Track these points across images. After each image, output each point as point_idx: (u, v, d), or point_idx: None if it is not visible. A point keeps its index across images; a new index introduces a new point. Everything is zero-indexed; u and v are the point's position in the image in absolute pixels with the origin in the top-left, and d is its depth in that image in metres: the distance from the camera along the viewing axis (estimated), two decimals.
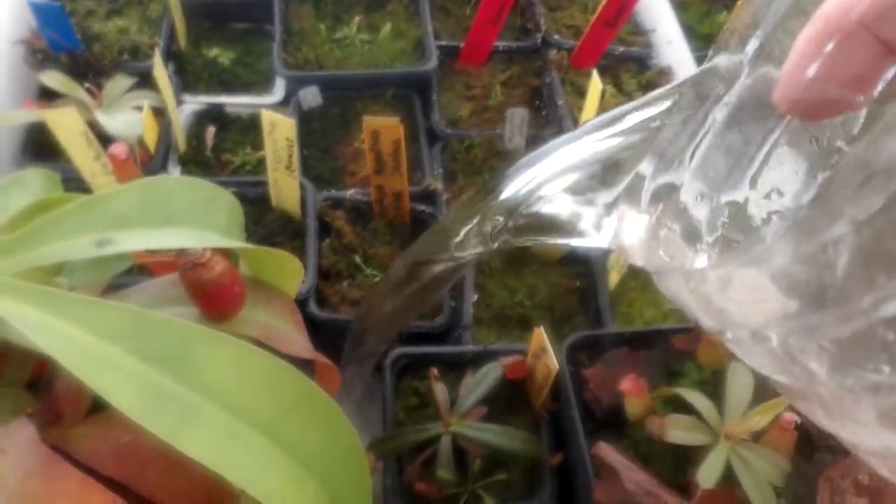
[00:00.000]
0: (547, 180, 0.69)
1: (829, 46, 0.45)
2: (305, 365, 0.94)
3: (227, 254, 0.85)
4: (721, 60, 0.60)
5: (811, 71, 0.46)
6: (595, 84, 1.38)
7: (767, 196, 0.58)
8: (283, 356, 0.70)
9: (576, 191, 0.68)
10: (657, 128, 0.63)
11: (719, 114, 0.61)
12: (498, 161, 1.50)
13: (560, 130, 1.53)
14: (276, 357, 0.69)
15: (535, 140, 1.53)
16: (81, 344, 0.64)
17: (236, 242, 0.84)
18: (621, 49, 1.67)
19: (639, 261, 0.62)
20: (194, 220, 0.84)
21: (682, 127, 0.62)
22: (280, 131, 1.25)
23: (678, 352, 1.14)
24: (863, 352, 0.44)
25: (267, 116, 1.24)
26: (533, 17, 1.69)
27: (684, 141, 0.61)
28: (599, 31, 1.59)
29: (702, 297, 0.52)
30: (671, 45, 1.70)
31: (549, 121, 1.58)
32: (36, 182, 0.84)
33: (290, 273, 0.95)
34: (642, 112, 0.65)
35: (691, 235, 0.60)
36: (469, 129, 1.53)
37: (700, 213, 0.60)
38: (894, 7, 0.44)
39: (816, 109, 0.49)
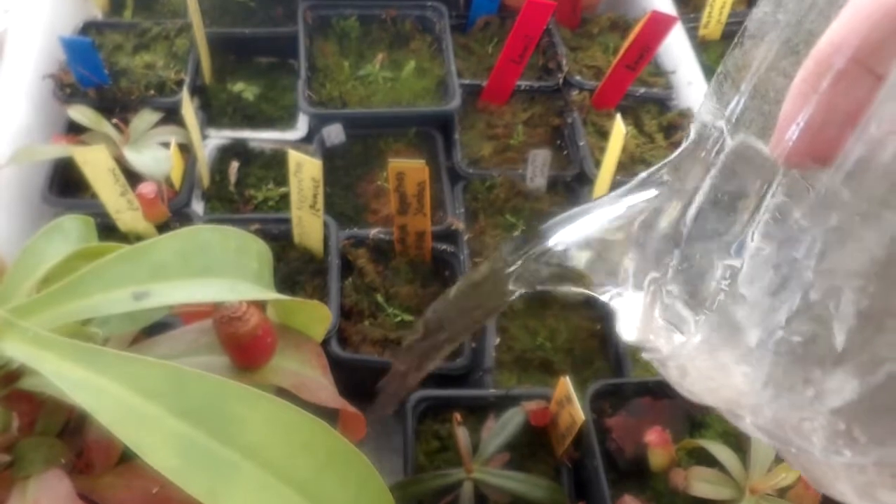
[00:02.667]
0: (566, 242, 0.70)
1: (824, 85, 0.45)
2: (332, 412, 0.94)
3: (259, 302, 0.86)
4: (705, 118, 0.60)
5: (809, 111, 0.46)
6: (618, 129, 1.39)
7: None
8: (311, 405, 0.71)
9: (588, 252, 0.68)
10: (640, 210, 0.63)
11: (702, 192, 0.61)
12: (520, 201, 1.51)
13: (581, 172, 1.54)
14: (310, 415, 0.69)
15: (556, 181, 1.54)
16: (119, 401, 0.65)
17: (269, 293, 0.85)
18: (642, 90, 1.68)
19: (630, 337, 0.62)
20: (229, 269, 0.84)
21: (662, 211, 0.62)
22: (306, 172, 1.26)
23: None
24: (824, 435, 0.46)
25: (294, 157, 1.25)
26: (555, 57, 1.70)
27: (667, 225, 0.61)
28: (621, 73, 1.60)
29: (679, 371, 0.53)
30: (691, 87, 1.71)
31: (571, 161, 1.58)
32: (74, 229, 0.85)
33: (319, 320, 0.95)
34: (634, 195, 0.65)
35: (678, 316, 0.60)
36: (491, 168, 1.54)
37: (685, 295, 0.60)
38: (887, 41, 0.43)
39: (816, 151, 0.47)
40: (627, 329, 0.61)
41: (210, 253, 0.83)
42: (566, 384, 1.05)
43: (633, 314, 0.61)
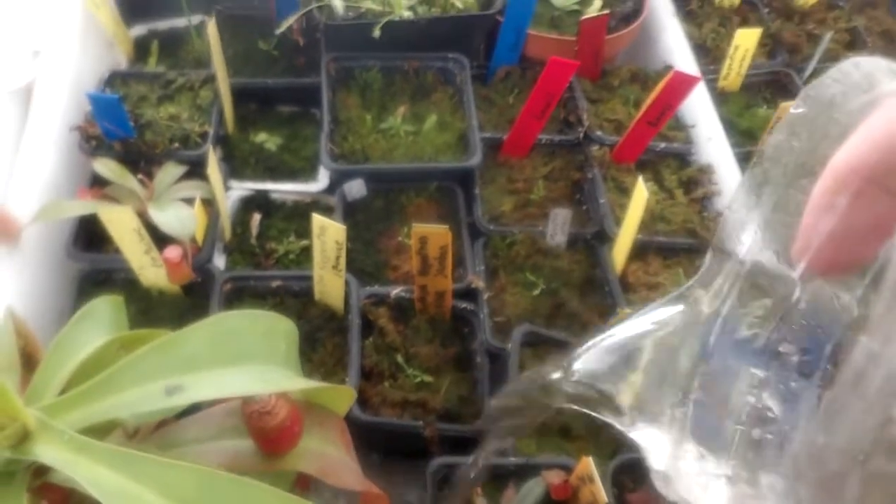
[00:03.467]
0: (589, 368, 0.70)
1: (843, 201, 0.46)
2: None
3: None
4: (729, 234, 0.61)
5: (830, 223, 0.47)
6: (640, 191, 1.39)
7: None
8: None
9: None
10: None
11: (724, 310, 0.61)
12: (540, 259, 1.51)
13: (601, 230, 1.54)
14: None
15: (576, 238, 1.54)
16: None
17: (298, 380, 0.85)
18: (662, 145, 1.68)
19: (659, 468, 0.62)
20: (258, 354, 0.85)
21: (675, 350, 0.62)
22: (330, 235, 1.27)
23: None
24: None
25: (317, 221, 1.26)
26: (575, 111, 1.71)
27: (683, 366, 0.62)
28: (642, 129, 1.60)
29: None
30: (711, 142, 1.71)
31: (591, 218, 1.59)
32: (106, 313, 0.86)
33: (343, 398, 0.96)
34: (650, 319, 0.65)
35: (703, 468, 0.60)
36: (511, 224, 1.55)
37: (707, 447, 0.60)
38: None
39: (839, 259, 0.49)
40: (657, 461, 0.61)
41: (239, 340, 0.84)
42: (589, 464, 1.05)
43: (660, 449, 0.61)
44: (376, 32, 1.60)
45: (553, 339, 1.39)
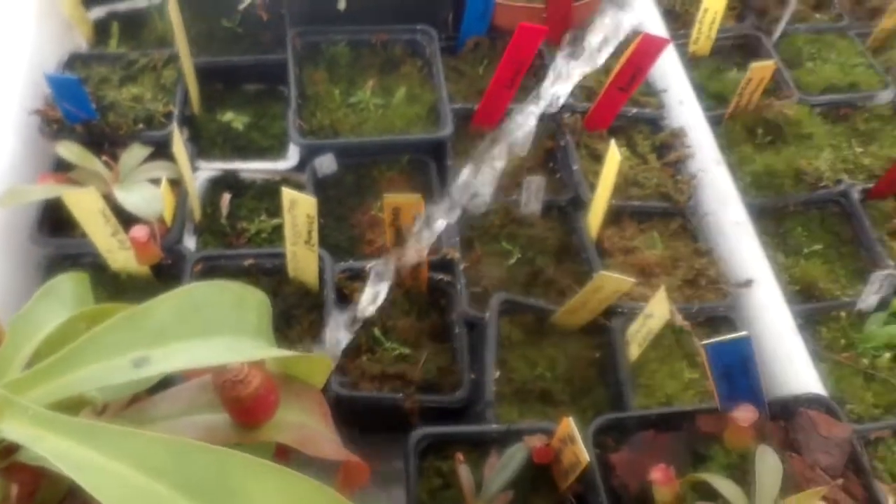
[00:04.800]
0: None
1: None
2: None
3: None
4: None
5: None
6: (613, 155, 1.39)
7: None
8: None
9: None
10: None
11: None
12: (515, 228, 1.50)
13: (576, 196, 1.53)
14: (316, 483, 0.68)
15: (550, 206, 1.53)
16: (123, 480, 0.63)
17: (270, 350, 0.84)
18: (634, 110, 1.68)
19: None
20: (228, 326, 0.83)
21: None
22: (301, 208, 1.25)
23: (705, 434, 1.13)
24: None
25: (287, 194, 1.24)
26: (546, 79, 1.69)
27: None
28: (613, 95, 1.60)
29: None
30: (683, 106, 1.71)
31: (565, 185, 1.58)
32: (69, 290, 0.83)
33: (320, 369, 0.95)
34: None
35: None
36: (481, 195, 1.53)
37: None
38: None
39: None
40: None
41: (208, 311, 0.82)
42: (570, 425, 1.04)
43: None
44: (342, 4, 1.58)
45: (531, 306, 1.38)
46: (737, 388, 1.12)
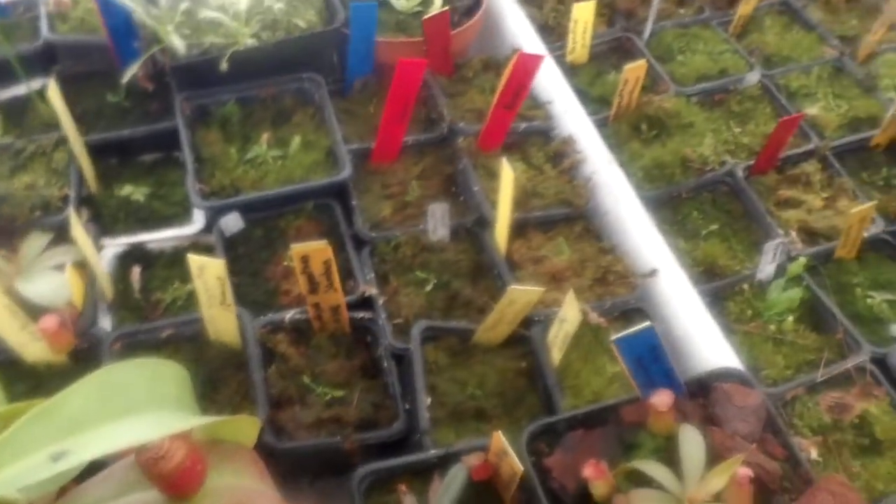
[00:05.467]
0: None
1: None
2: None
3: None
4: None
5: None
6: (507, 172, 1.44)
7: None
8: None
9: None
10: None
11: None
12: (427, 255, 1.54)
13: (480, 216, 1.58)
14: None
15: (458, 229, 1.58)
16: None
17: (192, 419, 0.85)
18: (524, 125, 1.74)
19: None
20: (147, 402, 0.84)
21: None
22: (209, 272, 1.26)
23: (630, 423, 1.18)
24: None
25: (194, 261, 1.25)
26: (436, 108, 1.75)
27: None
28: (500, 114, 1.66)
29: None
30: (568, 114, 1.78)
31: (469, 207, 1.63)
32: None
33: (248, 429, 0.96)
34: None
35: None
36: (393, 227, 1.57)
37: None
38: None
39: None
40: None
41: (124, 391, 0.82)
42: (499, 438, 1.08)
43: None
44: (224, 66, 1.60)
45: (452, 329, 1.42)
46: (652, 375, 1.18)
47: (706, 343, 1.45)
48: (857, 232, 1.59)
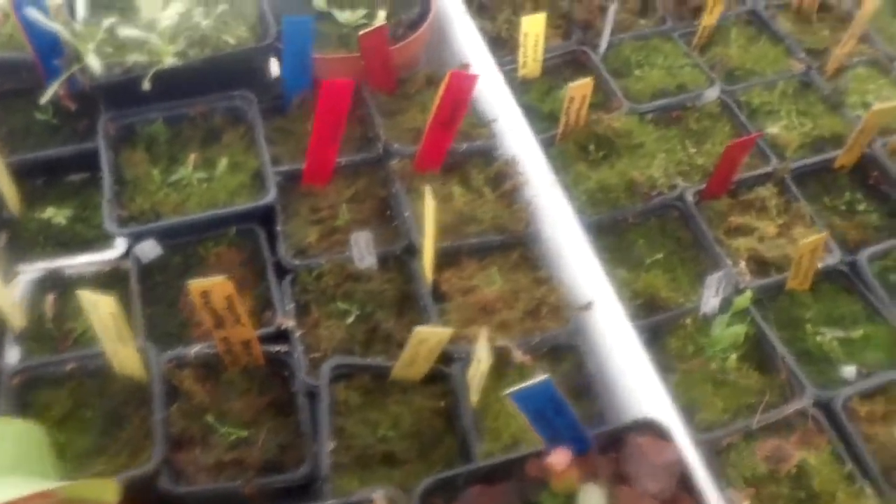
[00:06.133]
0: None
1: None
2: None
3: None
4: None
5: None
6: (428, 200, 1.38)
7: None
8: None
9: None
10: None
11: None
12: (352, 285, 1.47)
13: (410, 243, 1.51)
14: None
15: (387, 256, 1.51)
16: None
17: (46, 484, 0.81)
18: (465, 146, 1.67)
19: None
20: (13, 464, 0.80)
21: None
22: (102, 309, 1.21)
23: (533, 479, 1.11)
24: None
25: (86, 298, 1.20)
26: (373, 127, 1.68)
27: None
28: (437, 134, 1.59)
29: None
30: (513, 133, 1.71)
31: (399, 233, 1.56)
32: None
33: (109, 490, 0.92)
34: None
35: None
36: (319, 254, 1.50)
37: None
38: None
39: None
40: None
41: None
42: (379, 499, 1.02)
43: None
44: (146, 85, 1.54)
45: (368, 366, 1.35)
46: (557, 429, 1.11)
47: (638, 384, 1.38)
48: (808, 263, 1.50)
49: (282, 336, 1.40)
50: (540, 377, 1.05)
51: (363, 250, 1.47)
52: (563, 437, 1.11)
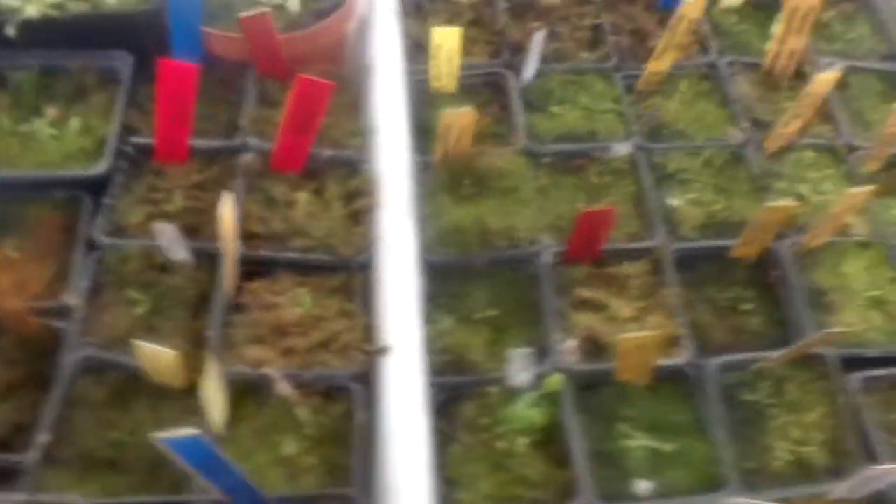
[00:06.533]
0: None
1: None
2: None
3: None
4: None
5: None
6: (225, 206, 1.30)
7: None
8: None
9: None
10: None
11: None
12: (155, 276, 1.42)
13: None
14: None
15: (201, 252, 1.45)
16: None
17: None
18: (329, 153, 1.57)
19: None
20: None
21: None
22: None
23: None
24: None
25: None
26: (243, 115, 1.61)
27: None
28: (292, 137, 1.50)
29: None
30: (389, 150, 1.60)
31: None
32: None
33: None
34: None
35: None
36: (135, 237, 1.45)
37: None
38: None
39: None
40: None
41: None
42: None
43: None
44: (10, 31, 1.51)
45: (121, 364, 1.30)
46: (228, 484, 1.03)
47: (404, 446, 1.28)
48: (639, 358, 1.35)
49: (63, 312, 1.37)
50: (191, 430, 0.97)
51: (171, 242, 1.41)
52: (239, 494, 1.03)
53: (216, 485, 1.02)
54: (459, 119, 1.53)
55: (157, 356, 1.20)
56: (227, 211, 1.31)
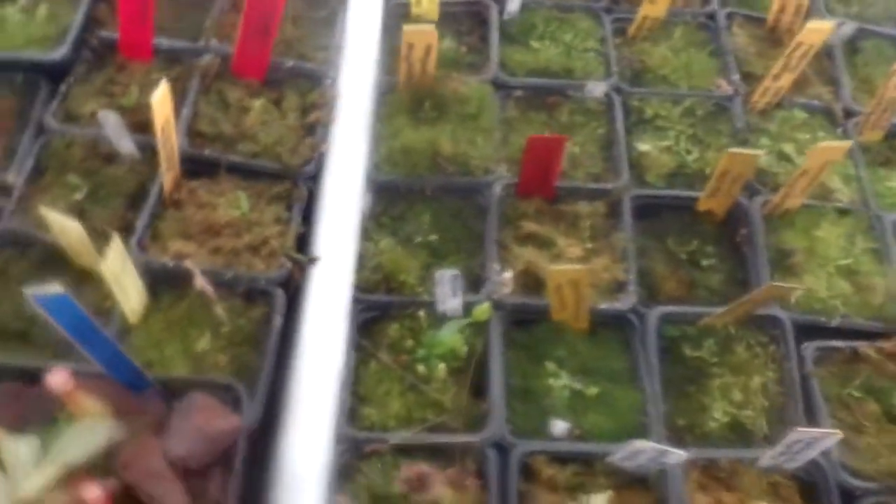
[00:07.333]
0: None
1: None
2: None
3: None
4: None
5: None
6: (156, 99, 1.26)
7: None
8: None
9: None
10: None
11: None
12: (98, 163, 1.41)
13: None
14: None
15: (148, 145, 1.43)
16: None
17: None
18: (292, 63, 1.54)
19: None
20: None
21: None
22: None
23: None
24: None
25: None
26: (209, 17, 1.58)
27: None
28: (252, 40, 1.47)
29: None
30: (353, 67, 1.56)
31: (178, 130, 1.46)
32: None
33: None
34: None
35: None
36: (85, 126, 1.44)
37: None
38: None
39: None
40: None
41: None
42: None
43: None
44: None
45: (46, 244, 1.29)
46: (105, 354, 1.01)
47: (318, 359, 1.24)
48: (572, 297, 1.29)
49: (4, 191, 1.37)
50: (59, 289, 0.94)
51: (114, 132, 1.39)
52: (115, 367, 1.01)
53: (91, 353, 1.00)
54: (421, 37, 1.48)
55: (66, 229, 1.19)
56: (161, 100, 1.28)
